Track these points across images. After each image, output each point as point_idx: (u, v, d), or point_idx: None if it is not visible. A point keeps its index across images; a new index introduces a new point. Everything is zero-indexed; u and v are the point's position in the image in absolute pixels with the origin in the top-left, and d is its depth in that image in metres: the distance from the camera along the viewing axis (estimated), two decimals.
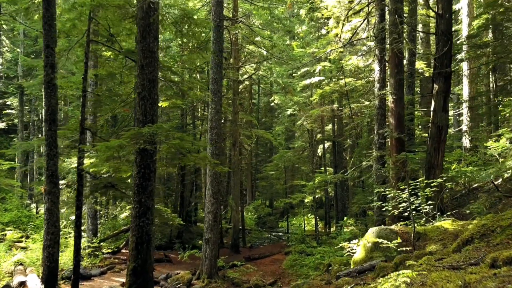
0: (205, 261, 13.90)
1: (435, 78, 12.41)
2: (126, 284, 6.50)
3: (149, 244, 6.64)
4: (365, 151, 19.85)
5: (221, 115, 14.69)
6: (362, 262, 8.37)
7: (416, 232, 8.08)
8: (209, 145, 14.17)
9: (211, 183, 14.08)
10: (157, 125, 6.41)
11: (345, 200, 27.83)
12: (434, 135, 12.22)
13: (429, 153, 12.24)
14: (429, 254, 6.52)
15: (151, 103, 6.86)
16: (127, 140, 6.20)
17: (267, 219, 32.42)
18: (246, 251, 21.70)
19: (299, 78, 26.17)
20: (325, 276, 14.99)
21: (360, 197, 16.86)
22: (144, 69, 6.88)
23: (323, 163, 27.47)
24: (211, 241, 13.93)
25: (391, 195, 8.63)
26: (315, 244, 19.95)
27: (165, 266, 16.81)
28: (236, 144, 21.57)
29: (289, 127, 30.33)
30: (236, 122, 21.40)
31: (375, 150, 13.13)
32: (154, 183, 6.82)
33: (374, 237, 8.36)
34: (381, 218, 12.31)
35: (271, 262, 19.09)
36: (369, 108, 17.27)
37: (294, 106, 26.05)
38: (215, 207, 14.06)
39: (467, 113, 20.72)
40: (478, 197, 14.66)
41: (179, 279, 13.33)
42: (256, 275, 15.89)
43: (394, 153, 12.46)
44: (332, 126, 27.28)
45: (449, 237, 7.49)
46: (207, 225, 14.07)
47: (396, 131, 12.48)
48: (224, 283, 13.97)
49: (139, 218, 6.65)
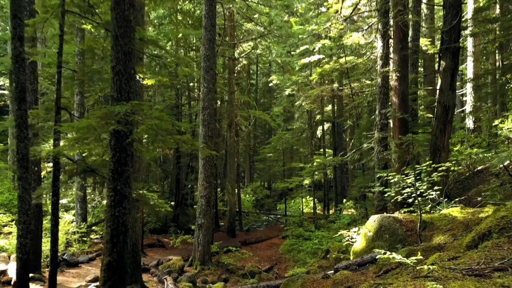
0: (198, 247, 13.32)
1: (442, 54, 11.57)
2: (100, 280, 5.84)
3: (125, 236, 5.96)
4: (366, 132, 19.12)
5: (213, 94, 13.90)
6: (363, 253, 7.72)
7: (422, 221, 7.40)
8: (201, 126, 13.43)
9: (203, 167, 13.39)
10: (133, 103, 5.65)
11: (345, 183, 27.21)
12: (440, 115, 11.45)
13: (434, 134, 11.49)
14: (438, 248, 5.83)
15: (127, 79, 6.08)
16: (97, 120, 5.46)
17: (265, 201, 31.90)
18: (242, 235, 21.17)
19: (298, 56, 25.22)
20: (323, 262, 14.47)
21: (360, 181, 16.19)
22: (118, 40, 6.08)
23: (323, 144, 26.75)
24: (204, 227, 13.32)
25: (395, 180, 7.92)
26: (313, 228, 19.39)
27: (158, 251, 16.26)
28: (232, 125, 20.80)
29: (287, 108, 29.50)
30: (232, 103, 20.59)
31: (377, 131, 12.38)
32: (131, 168, 6.09)
33: (376, 226, 7.69)
34: (382, 203, 11.65)
35: (267, 246, 18.55)
36: (370, 87, 16.45)
37: (293, 86, 25.18)
38: (208, 192, 13.40)
39: (471, 93, 19.91)
40: (484, 180, 14.01)
41: (170, 266, 12.75)
42: (252, 261, 15.35)
43: (397, 134, 11.72)
44: (332, 106, 26.46)
45: (458, 227, 6.81)
46: (199, 210, 13.43)
47: (400, 111, 11.70)
48: (218, 270, 13.43)
49: (114, 207, 5.95)
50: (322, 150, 25.27)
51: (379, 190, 9.35)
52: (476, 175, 14.76)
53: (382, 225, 7.60)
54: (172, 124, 5.86)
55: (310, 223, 21.03)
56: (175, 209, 24.75)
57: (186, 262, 13.72)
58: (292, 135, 26.43)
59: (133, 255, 10.27)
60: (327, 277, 6.58)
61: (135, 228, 10.32)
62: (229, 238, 19.98)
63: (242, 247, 17.92)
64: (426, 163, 7.42)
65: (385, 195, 9.67)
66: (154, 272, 12.44)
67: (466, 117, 20.27)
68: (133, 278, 10.21)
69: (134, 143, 6.15)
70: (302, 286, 6.39)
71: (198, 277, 12.57)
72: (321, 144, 27.88)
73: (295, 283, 6.62)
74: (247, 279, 13.10)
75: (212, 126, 13.38)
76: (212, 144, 13.46)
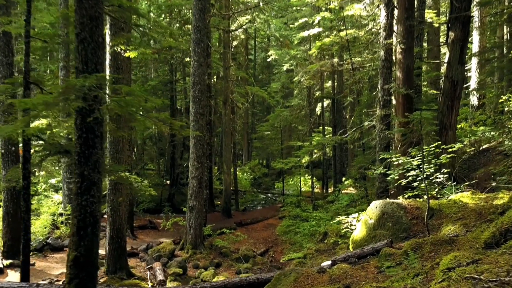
0: (190, 230, 12.71)
1: (451, 23, 10.66)
2: (66, 278, 5.16)
3: (94, 228, 5.25)
4: (367, 109, 18.29)
5: (205, 68, 13.02)
6: (363, 242, 7.05)
7: (429, 208, 6.70)
8: (192, 103, 12.61)
9: (194, 146, 12.64)
10: (99, 75, 4.84)
11: (344, 160, 26.54)
12: (447, 91, 10.64)
13: (441, 112, 10.72)
14: (450, 241, 5.13)
15: (94, 48, 5.24)
16: (54, 96, 4.67)
17: (263, 180, 31.30)
18: (238, 215, 20.59)
19: (296, 30, 24.14)
20: (321, 246, 13.89)
21: (360, 160, 15.48)
22: (82, 2, 5.22)
23: (322, 122, 25.92)
24: (195, 209, 12.68)
25: (399, 162, 7.19)
26: (311, 208, 18.80)
27: (149, 233, 15.67)
28: (227, 102, 19.94)
29: (286, 84, 28.52)
30: (227, 78, 19.67)
31: (379, 108, 11.56)
32: (101, 151, 5.32)
33: (378, 213, 7.00)
34: (384, 185, 10.95)
35: (264, 227, 17.99)
36: (372, 62, 15.54)
37: (291, 61, 24.18)
38: (200, 172, 12.69)
39: (476, 68, 19.01)
40: (491, 160, 13.29)
41: (160, 250, 12.15)
42: (247, 244, 14.77)
43: (400, 112, 10.93)
44: (331, 82, 25.53)
45: (470, 215, 6.10)
46: (191, 192, 12.76)
47: (404, 86, 10.87)
48: (211, 254, 12.84)
49: (81, 195, 5.22)
50: (321, 127, 24.47)
51: (381, 172, 8.62)
52: (481, 154, 14.02)
53: (384, 212, 6.90)
54: (146, 100, 5.07)
55: (308, 203, 20.45)
56: (171, 188, 24.16)
57: (177, 246, 13.14)
58: (291, 112, 25.57)
59: (117, 241, 9.63)
60: (323, 271, 5.90)
61: (119, 212, 9.65)
62: (224, 219, 19.41)
63: (237, 229, 17.35)
64: (435, 143, 6.66)
65: (387, 178, 8.96)
66: (143, 257, 11.84)
67: (471, 94, 19.45)
68: (118, 265, 9.61)
69: (104, 122, 5.37)
70: (295, 282, 5.72)
71: (189, 262, 11.99)
72: (320, 121, 27.06)
73: (287, 277, 5.95)
74: (241, 263, 12.53)
75: (203, 103, 12.56)
76: (203, 122, 12.68)
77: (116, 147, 9.51)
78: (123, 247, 9.77)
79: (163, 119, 5.80)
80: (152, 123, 5.54)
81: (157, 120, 5.42)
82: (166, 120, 5.67)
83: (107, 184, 9.74)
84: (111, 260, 9.60)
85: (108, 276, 8.88)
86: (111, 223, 9.62)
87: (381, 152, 10.38)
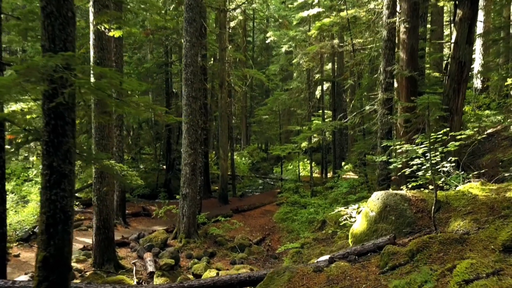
0: (183, 219, 12.24)
1: (459, 1, 9.98)
2: (34, 280, 4.66)
3: (66, 225, 4.73)
4: (367, 93, 17.65)
5: (198, 49, 12.36)
6: (363, 237, 6.55)
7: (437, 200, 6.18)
8: (184, 86, 11.99)
9: (187, 131, 12.07)
10: (66, 54, 4.24)
11: (344, 144, 26.01)
12: (454, 72, 10.02)
13: (446, 95, 10.12)
14: (460, 240, 4.61)
15: (62, 24, 4.63)
16: (14, 77, 4.09)
17: (261, 165, 30.80)
18: (235, 201, 20.15)
19: (295, 10, 23.32)
20: (319, 234, 13.45)
21: (361, 146, 14.91)
22: None
23: (321, 106, 25.30)
24: (189, 197, 12.18)
25: (403, 149, 6.63)
26: (309, 194, 18.33)
27: (142, 221, 15.21)
28: (223, 85, 19.28)
29: (285, 66, 27.74)
30: (223, 60, 18.96)
31: (381, 91, 10.95)
32: (73, 139, 4.76)
33: (380, 205, 6.47)
34: (385, 172, 10.42)
35: (261, 214, 17.55)
36: (374, 42, 14.84)
37: (290, 42, 23.39)
38: (193, 159, 12.15)
39: (480, 50, 18.34)
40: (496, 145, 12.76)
41: (152, 239, 11.69)
42: (243, 232, 14.34)
43: (404, 95, 10.34)
44: (331, 65, 24.80)
45: (481, 209, 5.58)
46: (184, 179, 12.24)
47: (408, 68, 10.25)
48: (205, 243, 12.40)
49: (50, 189, 4.68)
50: (320, 111, 23.84)
51: (382, 159, 8.07)
52: (486, 139, 13.48)
53: (387, 204, 6.38)
54: (121, 82, 4.49)
55: (307, 188, 19.97)
56: (167, 174, 23.67)
57: (170, 234, 12.70)
58: (289, 95, 24.88)
59: (104, 232, 9.15)
60: (320, 270, 5.41)
61: (106, 202, 9.14)
62: (221, 205, 18.98)
63: (233, 215, 16.92)
64: (443, 130, 6.09)
65: (389, 166, 8.43)
66: (134, 247, 11.38)
67: (474, 76, 18.83)
68: (106, 256, 9.15)
69: (75, 107, 4.79)
70: (289, 282, 5.23)
71: (182, 251, 11.55)
72: (320, 105, 26.43)
73: (281, 277, 5.46)
74: (236, 252, 12.10)
75: (196, 86, 11.93)
76: (196, 106, 12.08)
77: (102, 133, 8.95)
78: (111, 238, 9.29)
79: (146, 104, 5.22)
80: (130, 108, 4.96)
81: (135, 105, 4.84)
82: (148, 105, 5.09)
83: (93, 172, 9.21)
84: (98, 251, 9.13)
85: (93, 270, 8.42)
86: (98, 213, 9.12)
87: (383, 140, 9.81)
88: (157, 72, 22.93)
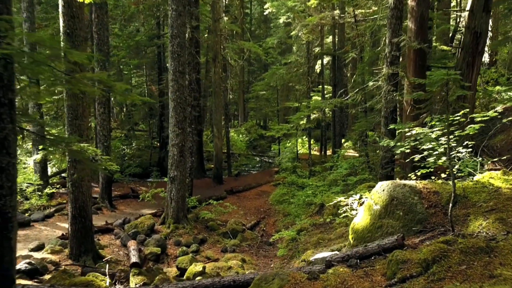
0: (171, 203, 11.43)
1: None
2: None
3: (5, 229, 3.89)
4: (369, 67, 16.59)
5: (185, 19, 11.28)
6: (366, 233, 5.71)
7: (449, 192, 5.31)
8: (170, 60, 10.98)
9: (174, 110, 11.13)
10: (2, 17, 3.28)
11: (344, 121, 25.06)
12: (468, 44, 9.03)
13: (459, 69, 9.14)
14: (486, 250, 3.76)
15: None
16: None
17: (259, 142, 29.89)
18: (230, 181, 19.38)
19: None
20: (316, 218, 12.67)
21: (362, 124, 13.98)
22: None
23: (321, 81, 24.17)
24: (177, 180, 11.34)
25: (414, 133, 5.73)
26: (307, 174, 17.51)
27: (131, 203, 14.42)
28: (217, 59, 18.17)
29: (283, 38, 26.45)
30: (216, 32, 17.80)
31: (386, 66, 9.91)
32: (11, 124, 3.85)
33: (386, 198, 5.61)
34: (389, 155, 9.51)
35: (256, 195, 16.79)
36: (379, 12, 13.71)
37: (288, 13, 22.09)
38: (181, 139, 11.25)
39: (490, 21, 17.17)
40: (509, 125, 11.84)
41: (138, 225, 10.92)
42: (236, 215, 13.59)
43: (411, 70, 9.33)
44: (332, 38, 23.54)
45: (507, 205, 4.72)
46: (171, 161, 11.37)
47: (417, 39, 9.19)
48: (195, 228, 11.64)
49: None
50: (320, 86, 22.76)
51: (389, 144, 7.16)
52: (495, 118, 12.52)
53: (394, 197, 5.52)
54: (65, 54, 3.55)
55: (305, 167, 19.12)
56: (160, 151, 22.79)
57: (158, 219, 11.93)
58: (288, 70, 23.72)
59: (81, 220, 8.34)
60: (315, 278, 4.59)
61: (82, 188, 8.29)
62: (215, 185, 18.21)
63: (228, 197, 16.18)
64: (461, 111, 5.17)
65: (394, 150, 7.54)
66: (118, 233, 10.60)
67: None
68: (83, 247, 8.37)
69: (13, 85, 3.86)
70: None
71: (170, 238, 10.81)
72: (319, 80, 25.30)
73: (269, 284, 4.65)
74: (228, 239, 11.37)
75: (183, 60, 10.90)
76: (184, 82, 11.08)
77: (75, 112, 8.01)
78: (88, 227, 8.48)
79: (104, 80, 4.27)
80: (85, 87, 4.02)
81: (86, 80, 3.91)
82: (105, 81, 4.15)
83: (67, 158, 8.34)
84: (74, 242, 8.35)
85: (63, 268, 7.63)
86: (73, 200, 8.29)
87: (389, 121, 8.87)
88: (148, 45, 21.70)
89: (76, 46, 7.92)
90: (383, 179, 10.02)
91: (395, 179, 10.44)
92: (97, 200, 13.43)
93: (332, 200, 11.86)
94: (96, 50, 12.96)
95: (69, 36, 7.84)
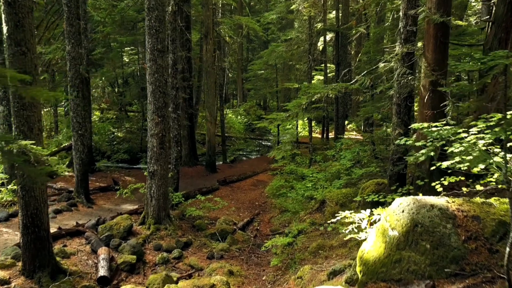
0: (151, 201, 10.08)
1: None
2: None
3: None
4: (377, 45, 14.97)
5: None
6: (379, 268, 4.31)
7: (495, 220, 3.90)
8: (148, 36, 9.43)
9: (152, 94, 9.66)
10: None
11: (347, 101, 23.45)
12: (501, 18, 7.46)
13: (489, 48, 7.58)
14: None
15: None
16: None
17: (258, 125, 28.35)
18: (225, 168, 18.00)
19: None
20: (317, 216, 11.31)
21: (368, 109, 12.48)
22: None
23: (324, 59, 22.48)
24: (157, 175, 9.95)
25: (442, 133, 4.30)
26: (308, 162, 16.08)
27: (111, 197, 13.04)
28: (209, 35, 16.52)
29: (283, 13, 24.61)
30: (207, 6, 16.10)
31: (400, 43, 8.34)
32: None
33: (407, 222, 4.19)
34: (401, 149, 8.07)
35: (252, 185, 15.45)
36: None
37: None
38: (161, 128, 9.81)
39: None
40: None
41: (112, 227, 9.57)
42: (227, 212, 12.25)
43: (431, 49, 7.76)
44: (335, 12, 21.74)
45: None
46: (150, 154, 9.97)
47: (439, 11, 7.58)
48: (179, 229, 10.32)
49: None
50: (323, 65, 21.12)
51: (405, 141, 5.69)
52: None
53: (417, 222, 4.09)
54: None
55: (305, 154, 17.69)
56: None
57: (139, 217, 10.58)
58: (288, 47, 21.98)
59: (34, 230, 6.99)
60: None
61: (34, 192, 6.90)
62: (207, 174, 16.85)
63: (220, 188, 14.83)
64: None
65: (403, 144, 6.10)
66: (90, 237, 9.25)
67: None
68: (37, 262, 7.06)
69: None
70: None
71: (150, 242, 9.50)
72: (322, 58, 23.59)
73: None
74: (216, 241, 10.04)
75: (162, 36, 9.35)
76: (164, 63, 9.55)
77: (22, 100, 6.55)
78: (43, 237, 7.13)
79: None
80: None
81: None
82: None
83: None
84: (26, 255, 7.03)
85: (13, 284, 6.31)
86: (23, 207, 6.92)
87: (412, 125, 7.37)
88: (136, 20, 19.80)
89: (20, 18, 6.42)
90: (395, 178, 8.58)
91: (408, 177, 9.02)
92: (72, 195, 12.09)
93: (334, 197, 10.53)
94: (67, 25, 11.37)
95: (10, 6, 6.33)
